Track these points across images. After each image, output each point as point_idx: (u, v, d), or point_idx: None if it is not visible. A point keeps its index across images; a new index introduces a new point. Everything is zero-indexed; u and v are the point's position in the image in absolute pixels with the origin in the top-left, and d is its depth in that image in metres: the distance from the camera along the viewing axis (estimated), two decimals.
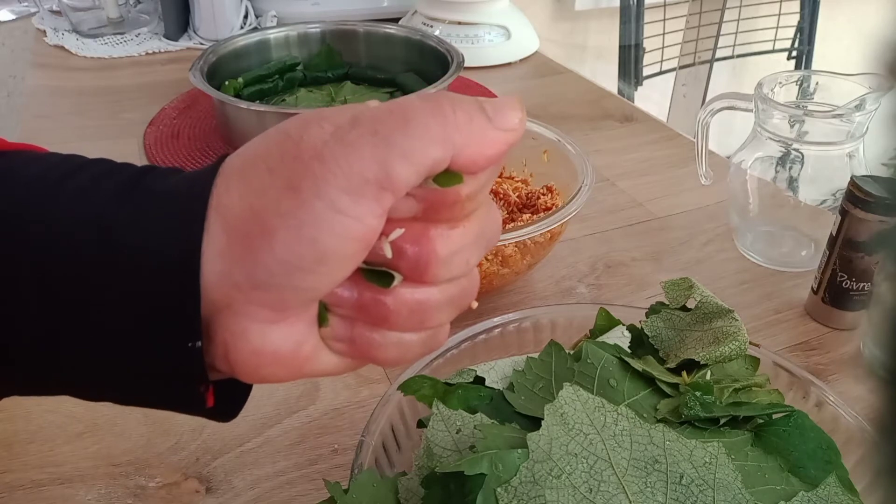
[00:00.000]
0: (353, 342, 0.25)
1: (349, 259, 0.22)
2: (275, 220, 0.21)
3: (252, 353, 0.23)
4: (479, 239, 0.25)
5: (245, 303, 0.22)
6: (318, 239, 0.21)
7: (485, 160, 0.23)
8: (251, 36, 0.89)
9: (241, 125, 0.77)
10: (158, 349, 0.22)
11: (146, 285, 0.22)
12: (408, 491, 0.32)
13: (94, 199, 0.22)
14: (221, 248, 0.22)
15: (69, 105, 0.91)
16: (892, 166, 0.25)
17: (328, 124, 0.22)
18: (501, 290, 0.59)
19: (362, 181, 0.21)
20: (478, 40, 1.06)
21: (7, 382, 0.24)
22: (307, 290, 0.22)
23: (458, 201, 0.23)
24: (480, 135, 0.23)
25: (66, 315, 0.22)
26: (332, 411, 0.48)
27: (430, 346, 0.26)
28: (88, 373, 0.23)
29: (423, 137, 0.22)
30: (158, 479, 0.43)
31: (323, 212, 0.21)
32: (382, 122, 0.22)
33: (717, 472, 0.30)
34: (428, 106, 0.22)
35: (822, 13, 1.69)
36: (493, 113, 0.23)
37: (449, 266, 0.24)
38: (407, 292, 0.24)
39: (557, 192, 0.63)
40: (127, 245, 0.22)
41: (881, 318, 0.13)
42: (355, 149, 0.21)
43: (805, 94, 0.63)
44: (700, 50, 1.67)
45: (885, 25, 0.12)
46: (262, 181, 0.22)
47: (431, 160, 0.22)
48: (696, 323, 0.39)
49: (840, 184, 0.55)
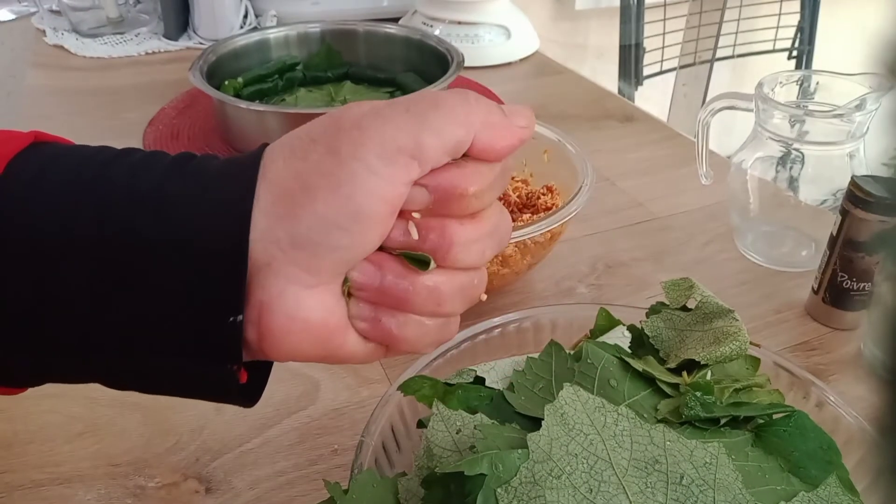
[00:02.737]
0: (376, 322, 0.27)
1: (378, 221, 0.25)
2: (315, 178, 0.24)
3: (286, 317, 0.24)
4: (494, 233, 0.27)
5: (284, 262, 0.24)
6: (353, 196, 0.24)
7: (499, 148, 0.26)
8: (251, 36, 0.89)
9: (241, 125, 0.77)
10: (201, 322, 0.23)
11: (197, 259, 0.23)
12: (408, 491, 0.32)
13: (147, 174, 0.24)
14: (266, 207, 0.24)
15: (69, 105, 0.91)
16: (893, 166, 0.25)
17: (366, 104, 0.26)
18: (501, 290, 0.59)
19: (395, 148, 0.24)
20: (478, 40, 1.06)
21: (41, 360, 0.25)
22: (341, 250, 0.24)
23: (465, 196, 0.26)
24: (497, 124, 0.26)
25: (115, 288, 0.23)
26: (332, 411, 0.48)
27: (444, 333, 0.28)
28: (125, 353, 0.24)
29: (450, 117, 0.25)
30: (158, 480, 0.43)
31: (359, 171, 0.24)
32: (415, 103, 0.25)
33: (717, 472, 0.30)
34: (455, 95, 0.26)
35: (823, 13, 1.69)
36: (509, 111, 0.27)
37: (468, 252, 0.26)
38: (425, 277, 0.26)
39: (557, 192, 0.63)
40: (181, 216, 0.23)
41: (881, 318, 0.13)
42: (391, 120, 0.25)
43: (805, 94, 0.62)
44: (700, 50, 1.67)
45: (885, 25, 0.12)
46: (305, 149, 0.25)
47: (456, 138, 0.25)
48: (696, 323, 0.39)
49: (840, 184, 0.55)
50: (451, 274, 0.27)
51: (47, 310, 0.23)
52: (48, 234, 0.23)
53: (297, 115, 0.74)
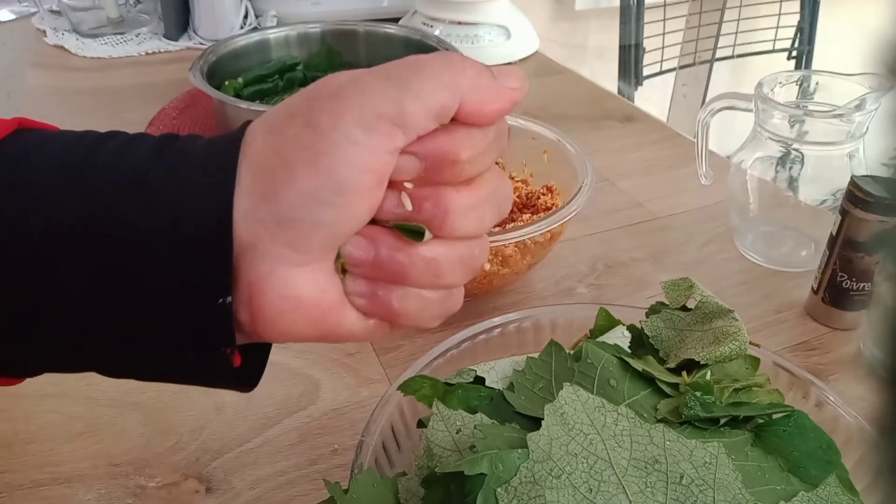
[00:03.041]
0: (374, 297, 0.26)
1: (364, 193, 0.24)
2: (294, 153, 0.23)
3: (278, 297, 0.24)
4: (492, 197, 0.26)
5: (269, 241, 0.23)
6: (335, 168, 0.23)
7: (489, 111, 0.25)
8: (251, 36, 0.89)
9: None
10: (190, 307, 0.23)
11: (181, 242, 0.23)
12: (408, 491, 0.32)
13: (131, 158, 0.24)
14: (247, 187, 0.23)
15: (69, 105, 0.91)
16: (892, 166, 0.25)
17: (345, 74, 0.25)
18: (501, 290, 0.59)
19: (375, 116, 0.23)
20: (478, 40, 1.06)
21: (40, 355, 0.25)
22: (327, 225, 0.23)
23: (457, 161, 0.25)
24: (486, 86, 0.25)
25: (105, 276, 0.23)
26: (332, 411, 0.48)
27: (448, 306, 0.27)
28: (117, 341, 0.24)
29: (434, 81, 0.24)
30: (158, 479, 0.43)
31: (339, 143, 0.23)
32: (396, 68, 0.24)
33: (717, 472, 0.30)
34: (439, 57, 0.25)
35: (822, 13, 1.69)
36: (498, 73, 0.26)
37: (465, 219, 0.25)
38: (422, 248, 0.25)
39: (557, 192, 0.63)
40: (165, 201, 0.23)
41: (881, 318, 0.13)
42: (370, 87, 0.24)
43: (805, 94, 0.62)
44: (700, 50, 1.67)
45: (885, 25, 0.12)
46: (282, 123, 0.24)
47: (440, 103, 0.24)
48: (696, 323, 0.39)
49: (840, 184, 0.55)
50: (449, 244, 0.26)
51: (37, 302, 0.23)
52: (34, 225, 0.23)
53: None
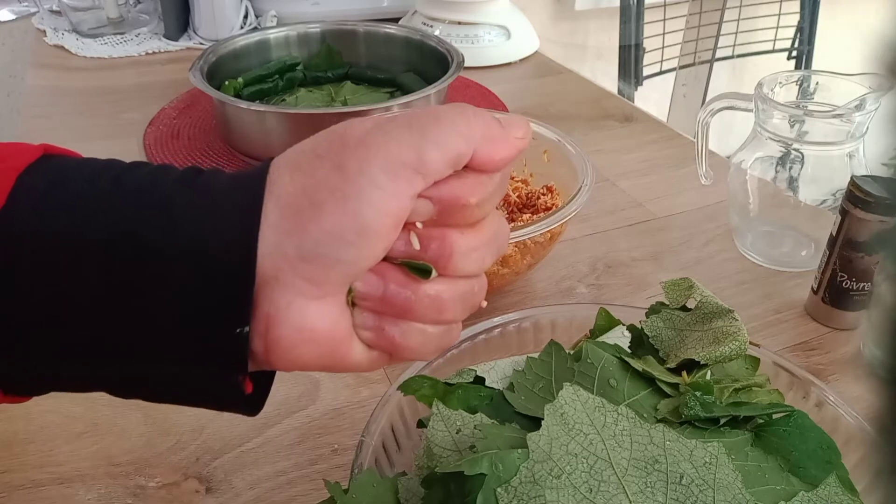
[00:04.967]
0: (380, 331, 0.27)
1: (384, 235, 0.25)
2: (323, 195, 0.24)
3: (293, 329, 0.25)
4: (493, 241, 0.28)
5: (291, 274, 0.24)
6: (360, 211, 0.24)
7: (498, 159, 0.27)
8: (251, 36, 0.89)
9: (241, 125, 0.77)
10: (207, 333, 0.24)
11: (206, 269, 0.24)
12: (408, 491, 0.32)
13: (158, 187, 0.25)
14: (274, 222, 0.24)
15: (69, 105, 0.91)
16: (892, 166, 0.25)
17: (369, 121, 0.26)
18: (501, 290, 0.59)
19: (399, 163, 0.25)
20: (478, 40, 1.06)
21: (51, 373, 0.25)
22: (347, 263, 0.25)
23: (467, 206, 0.27)
24: (496, 136, 0.27)
25: (123, 300, 0.23)
26: (332, 411, 0.48)
27: (446, 340, 0.29)
28: (133, 361, 0.25)
29: (451, 131, 0.26)
30: (158, 479, 0.43)
31: (365, 187, 0.24)
32: (416, 118, 0.26)
33: (717, 472, 0.30)
34: (454, 109, 0.27)
35: (822, 13, 1.69)
36: (505, 122, 0.28)
37: (467, 260, 0.27)
38: (427, 286, 0.27)
39: (557, 192, 0.63)
40: (192, 229, 0.24)
41: (881, 318, 0.13)
42: (394, 136, 0.25)
43: (805, 94, 0.62)
44: (700, 50, 1.67)
45: (885, 25, 0.12)
46: (311, 165, 0.25)
47: (457, 151, 0.26)
48: (696, 323, 0.39)
49: (840, 184, 0.55)
50: (452, 282, 0.27)
51: (59, 320, 0.23)
52: (60, 249, 0.23)
53: (297, 116, 0.74)
